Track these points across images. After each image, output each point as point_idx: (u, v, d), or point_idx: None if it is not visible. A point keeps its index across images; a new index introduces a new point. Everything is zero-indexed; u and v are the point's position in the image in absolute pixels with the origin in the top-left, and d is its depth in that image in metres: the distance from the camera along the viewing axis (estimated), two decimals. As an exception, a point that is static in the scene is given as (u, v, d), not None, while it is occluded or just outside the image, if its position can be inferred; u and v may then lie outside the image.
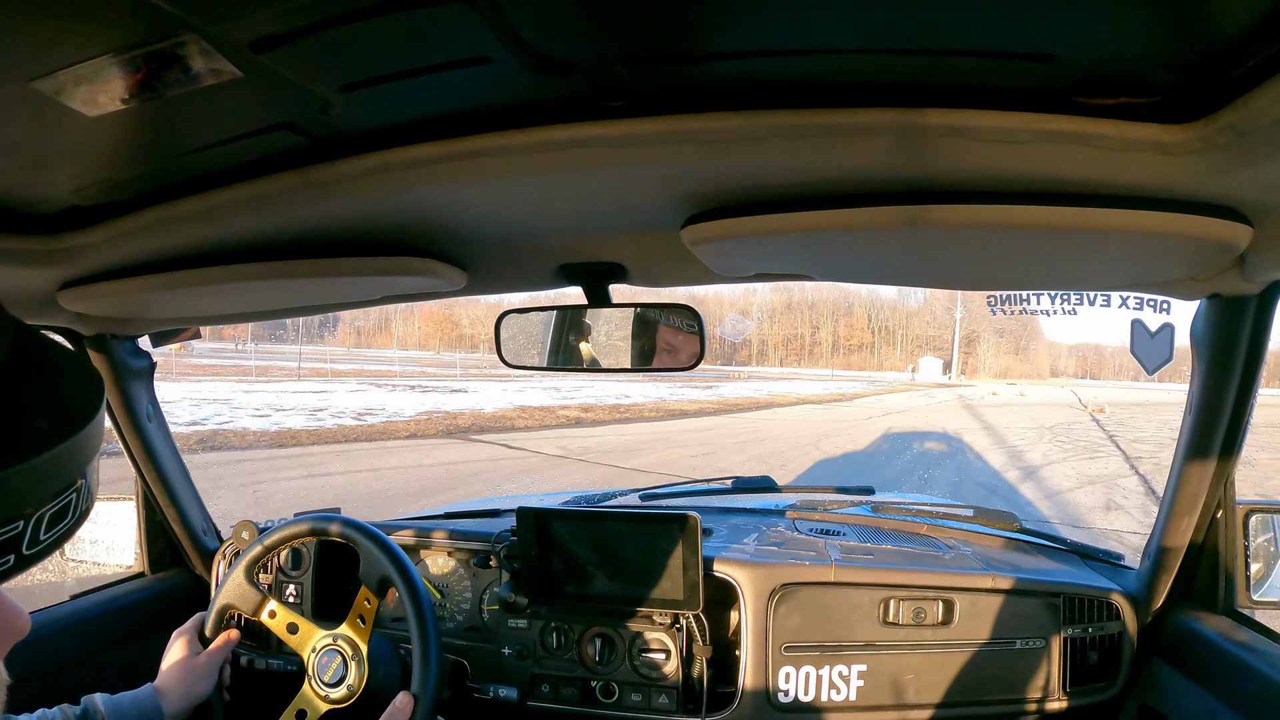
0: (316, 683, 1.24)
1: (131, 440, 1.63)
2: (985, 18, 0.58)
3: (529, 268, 1.19)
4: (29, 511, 0.53)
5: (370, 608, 1.27)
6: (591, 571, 1.51)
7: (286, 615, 1.29)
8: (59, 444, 0.54)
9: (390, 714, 1.15)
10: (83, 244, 1.01)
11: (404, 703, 1.17)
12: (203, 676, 1.24)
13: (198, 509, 1.79)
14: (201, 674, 1.24)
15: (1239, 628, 1.28)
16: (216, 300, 1.21)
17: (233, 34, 0.57)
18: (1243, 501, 1.32)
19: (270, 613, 1.29)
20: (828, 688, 1.48)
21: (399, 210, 0.92)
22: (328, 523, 1.33)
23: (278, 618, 1.29)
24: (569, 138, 0.75)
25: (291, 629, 1.28)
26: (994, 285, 1.18)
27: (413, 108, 0.75)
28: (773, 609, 1.50)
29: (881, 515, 1.93)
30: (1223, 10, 0.55)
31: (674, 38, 0.63)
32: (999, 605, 1.49)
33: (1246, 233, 0.80)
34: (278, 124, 0.76)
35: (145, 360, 1.62)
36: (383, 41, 0.61)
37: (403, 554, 1.28)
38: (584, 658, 1.55)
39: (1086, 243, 0.85)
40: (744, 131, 0.72)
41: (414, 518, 1.98)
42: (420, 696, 1.19)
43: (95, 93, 0.63)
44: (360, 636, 1.26)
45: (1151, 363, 2.16)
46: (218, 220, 0.93)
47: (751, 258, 0.99)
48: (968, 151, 0.72)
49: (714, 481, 2.17)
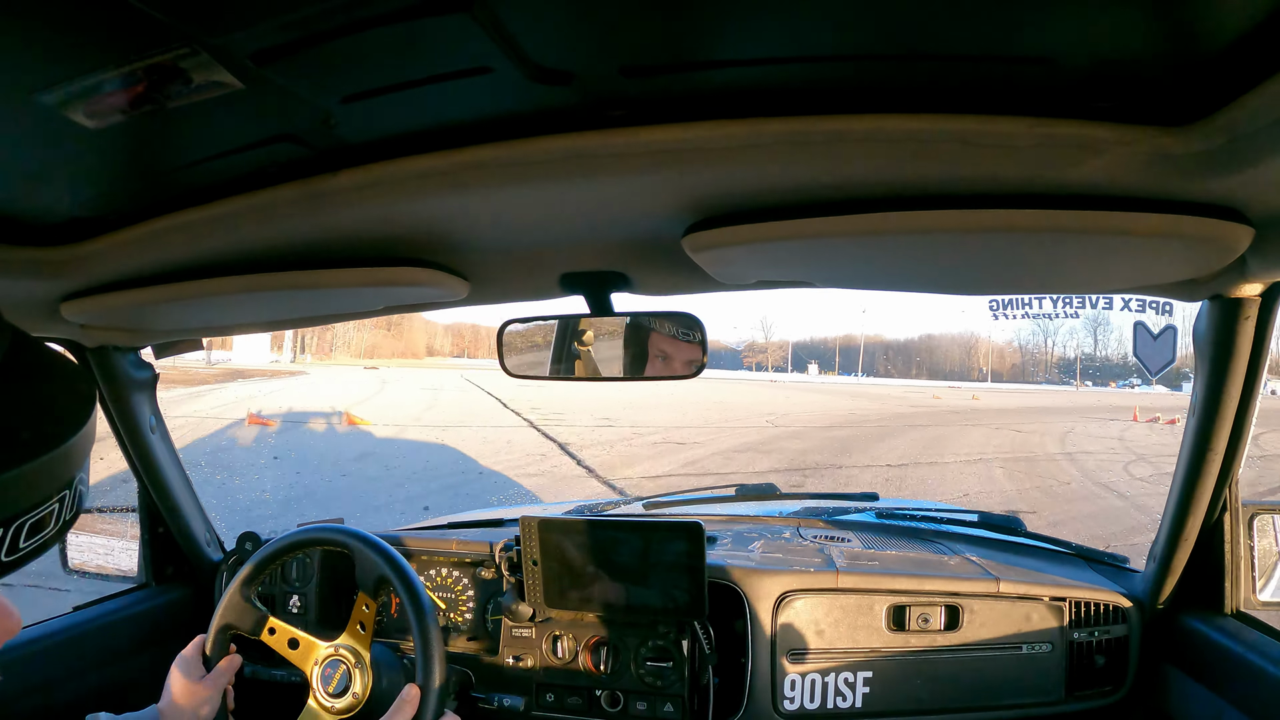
0: (321, 695, 1.23)
1: (134, 451, 1.64)
2: (984, 22, 0.58)
3: (531, 277, 1.19)
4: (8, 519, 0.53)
5: (369, 613, 1.27)
6: (596, 580, 1.51)
7: (287, 631, 1.28)
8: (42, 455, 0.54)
9: (398, 706, 1.14)
10: (85, 255, 1.01)
11: (411, 694, 1.16)
12: (206, 701, 1.22)
13: (201, 520, 1.79)
14: (205, 699, 1.22)
15: (1246, 629, 1.27)
16: (219, 311, 1.22)
17: (234, 46, 0.57)
18: (1248, 503, 1.32)
19: (270, 629, 1.28)
20: (834, 695, 1.48)
21: (401, 221, 0.92)
22: (320, 533, 1.33)
23: (278, 634, 1.28)
24: (570, 147, 0.75)
25: (293, 644, 1.27)
26: (996, 289, 1.18)
27: (414, 118, 0.75)
28: (778, 616, 1.49)
29: (886, 521, 1.93)
30: (1220, 12, 0.55)
31: (674, 46, 0.64)
32: (1005, 610, 1.48)
33: (1247, 233, 0.80)
34: (279, 135, 0.76)
35: (148, 372, 1.62)
36: (384, 52, 0.61)
37: (395, 553, 1.27)
38: (589, 666, 1.54)
39: (1088, 245, 0.85)
40: (744, 139, 0.72)
41: (417, 527, 1.98)
42: (426, 687, 1.18)
43: (97, 105, 0.63)
44: (361, 644, 1.25)
45: (1154, 365, 2.16)
46: (220, 232, 0.94)
47: (753, 265, 0.99)
48: (968, 156, 0.72)
49: (717, 489, 2.17)
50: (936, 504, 2.34)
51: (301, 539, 1.33)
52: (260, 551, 1.33)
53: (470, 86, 0.67)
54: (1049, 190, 0.76)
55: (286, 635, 1.28)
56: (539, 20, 0.58)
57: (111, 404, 1.58)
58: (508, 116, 0.74)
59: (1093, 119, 0.68)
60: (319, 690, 1.23)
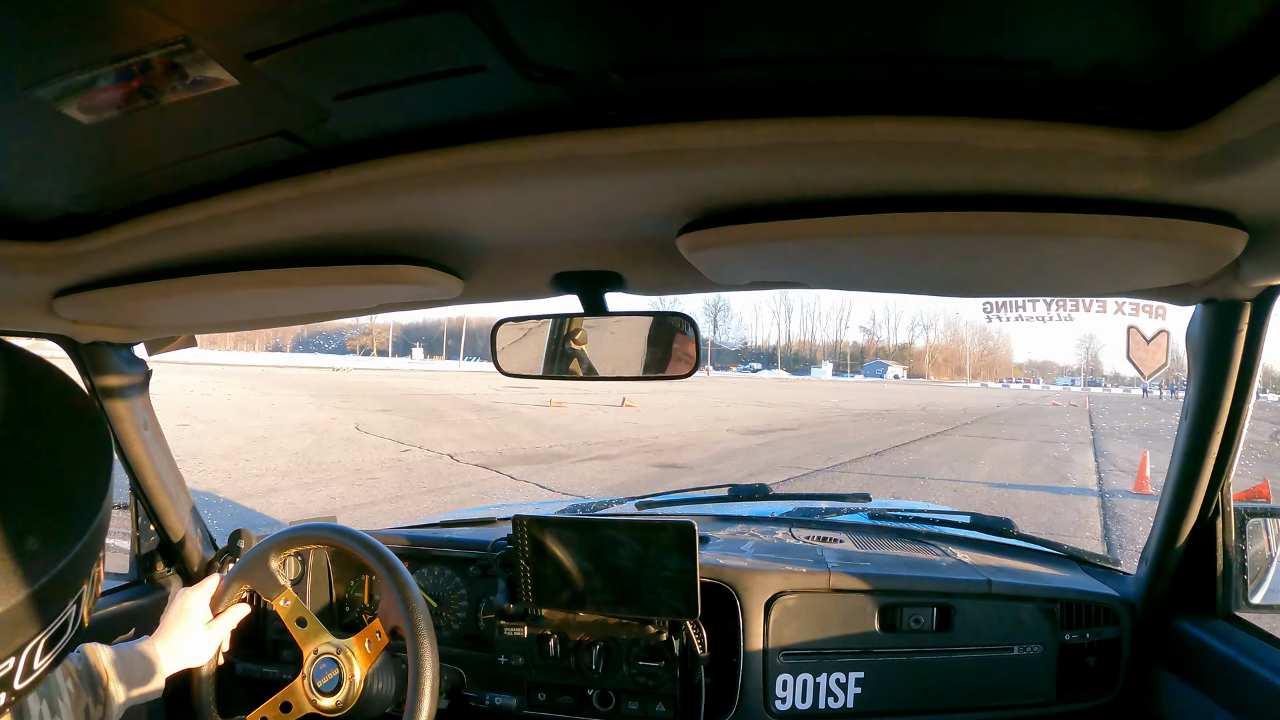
0: (309, 685, 1.24)
1: (127, 449, 1.63)
2: (980, 25, 0.58)
3: (525, 276, 1.19)
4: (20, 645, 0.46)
5: (380, 642, 1.28)
6: (588, 579, 1.51)
7: (301, 609, 1.29)
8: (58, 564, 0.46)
9: None
10: (79, 251, 1.01)
11: None
12: (204, 645, 1.24)
13: (192, 517, 1.78)
14: (204, 641, 1.24)
15: (1237, 632, 1.28)
16: (213, 308, 1.21)
17: (229, 42, 0.57)
18: (1240, 505, 1.32)
19: (285, 599, 1.29)
20: (825, 695, 1.48)
21: (395, 219, 0.92)
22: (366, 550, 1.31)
23: (291, 606, 1.29)
24: (564, 147, 0.75)
25: (301, 622, 1.28)
26: (989, 291, 1.18)
27: (408, 116, 0.75)
28: (770, 616, 1.50)
29: (878, 522, 1.93)
30: (1215, 17, 0.55)
31: (670, 46, 0.64)
32: (997, 611, 1.49)
33: (1241, 238, 0.80)
34: (274, 132, 0.76)
35: (141, 368, 1.62)
36: (379, 50, 0.61)
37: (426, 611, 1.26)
38: (581, 666, 1.54)
39: (1082, 249, 0.85)
40: (740, 140, 0.72)
41: (409, 527, 1.98)
42: None
43: (91, 100, 0.63)
44: (363, 661, 1.26)
45: (1148, 368, 2.17)
46: (214, 228, 0.93)
47: (748, 266, 1.00)
48: (963, 159, 0.72)
49: (710, 489, 2.17)
50: (928, 505, 2.34)
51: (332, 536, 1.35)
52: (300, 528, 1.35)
53: (465, 84, 0.67)
54: (1044, 193, 0.77)
55: (299, 612, 1.29)
56: (534, 18, 0.58)
57: (104, 400, 1.57)
58: (502, 115, 0.74)
59: (1088, 123, 0.69)
60: (309, 679, 1.24)
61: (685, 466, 10.56)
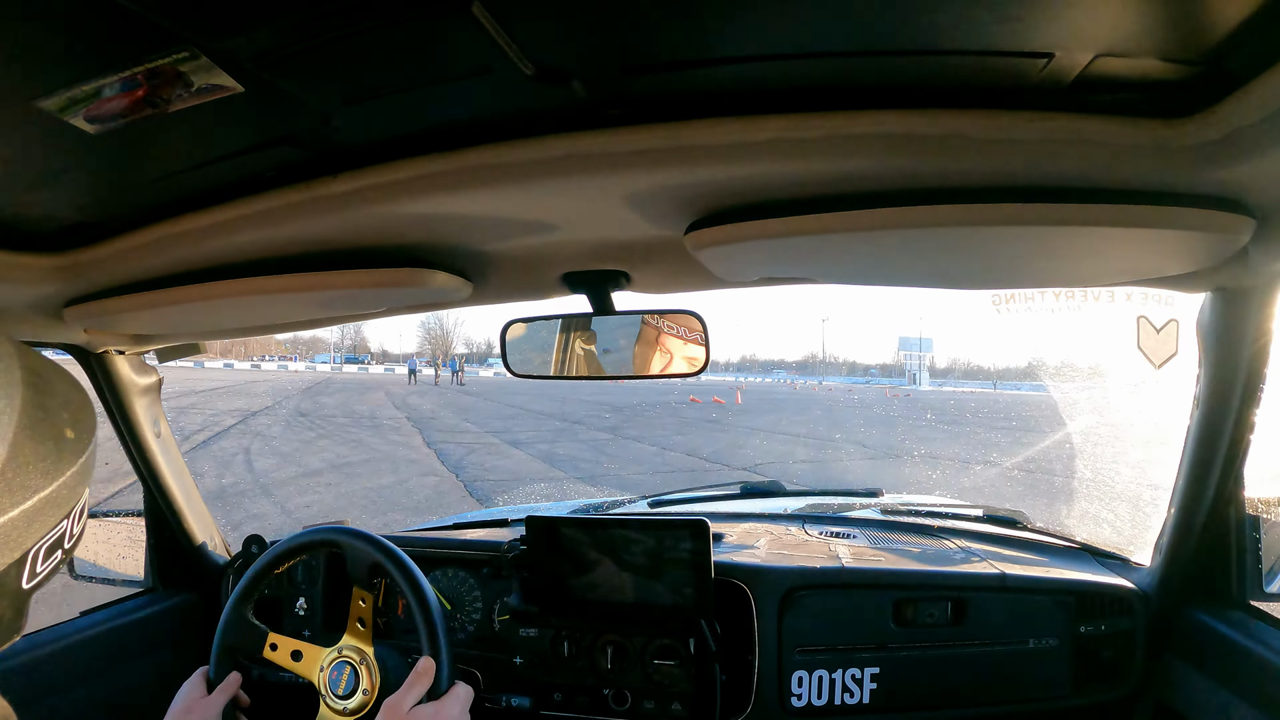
0: (331, 699, 1.23)
1: (139, 456, 1.64)
2: (983, 17, 0.58)
3: (533, 277, 1.19)
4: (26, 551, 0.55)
5: (366, 607, 1.27)
6: (602, 579, 1.51)
7: (289, 644, 1.28)
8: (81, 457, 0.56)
9: (412, 680, 1.12)
10: (87, 261, 1.02)
11: (425, 666, 1.15)
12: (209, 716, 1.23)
13: (206, 524, 1.79)
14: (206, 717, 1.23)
15: (1252, 622, 1.27)
16: (222, 315, 1.22)
17: (234, 49, 0.57)
18: (1253, 495, 1.31)
19: (272, 645, 1.28)
20: (841, 690, 1.47)
21: (402, 222, 0.92)
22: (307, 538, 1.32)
23: (280, 649, 1.27)
24: (570, 147, 0.76)
25: (296, 656, 1.27)
26: (998, 284, 1.18)
27: (414, 119, 0.75)
28: (784, 613, 1.49)
29: (890, 517, 1.93)
30: (1219, 3, 0.55)
31: (674, 44, 0.64)
32: (1011, 605, 1.48)
33: (1249, 225, 0.79)
34: (280, 138, 0.76)
35: (152, 376, 1.63)
36: (384, 54, 0.62)
37: (383, 539, 1.27)
38: (596, 666, 1.54)
39: (1090, 239, 0.85)
40: (745, 137, 0.72)
41: (422, 529, 1.98)
42: (438, 655, 1.17)
43: (98, 111, 0.64)
44: (363, 641, 1.25)
45: (1158, 358, 2.15)
46: (222, 235, 0.94)
47: (755, 262, 0.99)
48: (969, 151, 0.72)
49: (722, 487, 2.17)
50: (940, 499, 2.33)
51: (288, 548, 1.33)
52: (252, 568, 1.33)
53: (470, 87, 0.68)
54: (1050, 184, 0.76)
55: (289, 648, 1.27)
56: (538, 19, 0.58)
57: (116, 408, 1.58)
58: (507, 116, 0.74)
59: (1094, 113, 0.68)
60: (329, 696, 1.23)
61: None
